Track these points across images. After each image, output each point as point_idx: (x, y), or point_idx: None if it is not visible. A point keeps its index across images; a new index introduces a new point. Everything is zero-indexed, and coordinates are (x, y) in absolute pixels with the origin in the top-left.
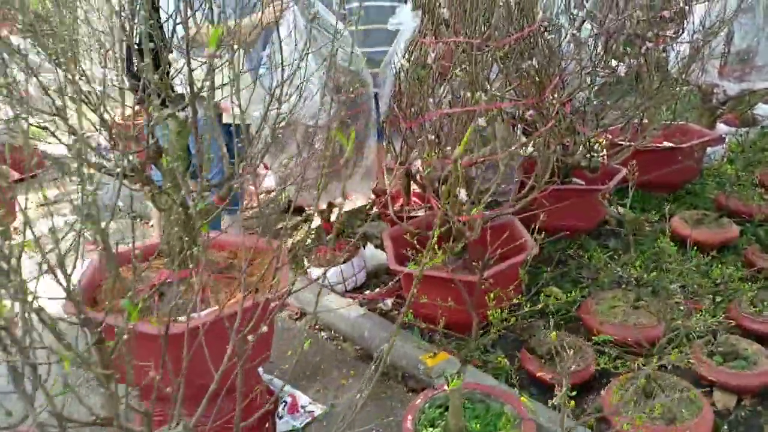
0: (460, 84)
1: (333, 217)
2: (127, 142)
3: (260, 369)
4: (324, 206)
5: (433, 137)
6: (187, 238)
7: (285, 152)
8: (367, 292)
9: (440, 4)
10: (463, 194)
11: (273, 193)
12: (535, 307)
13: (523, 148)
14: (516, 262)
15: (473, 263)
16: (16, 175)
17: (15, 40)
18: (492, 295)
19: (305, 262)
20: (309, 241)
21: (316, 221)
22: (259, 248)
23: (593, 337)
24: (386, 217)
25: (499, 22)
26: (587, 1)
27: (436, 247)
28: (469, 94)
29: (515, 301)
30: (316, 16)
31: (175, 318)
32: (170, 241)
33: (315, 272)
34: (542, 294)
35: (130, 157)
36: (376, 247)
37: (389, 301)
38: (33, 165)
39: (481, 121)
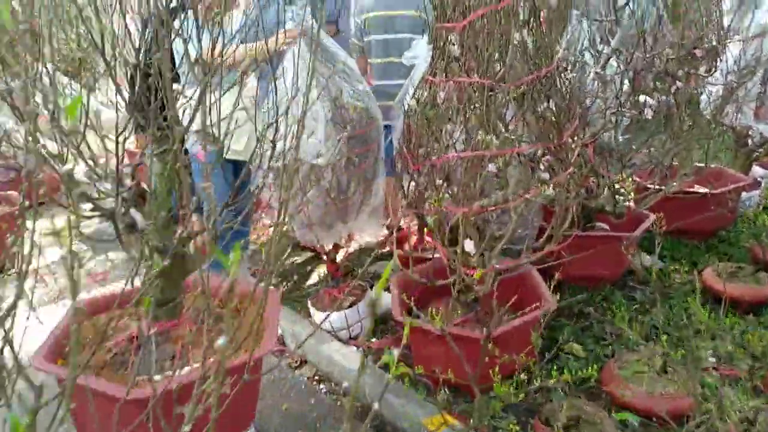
0: (472, 126)
1: (339, 258)
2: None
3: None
4: (330, 246)
5: (440, 182)
6: (167, 287)
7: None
8: (373, 340)
9: (451, 40)
10: (470, 245)
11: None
12: (551, 367)
13: (543, 191)
14: (529, 320)
15: (486, 315)
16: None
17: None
18: (501, 356)
19: (309, 304)
20: (317, 281)
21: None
22: (249, 294)
23: (615, 411)
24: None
25: (514, 61)
26: (613, 38)
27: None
28: (479, 137)
29: (529, 363)
30: (322, 48)
31: (151, 377)
32: (148, 290)
33: (318, 316)
34: (561, 351)
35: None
36: (386, 289)
37: (396, 352)
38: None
39: (492, 168)
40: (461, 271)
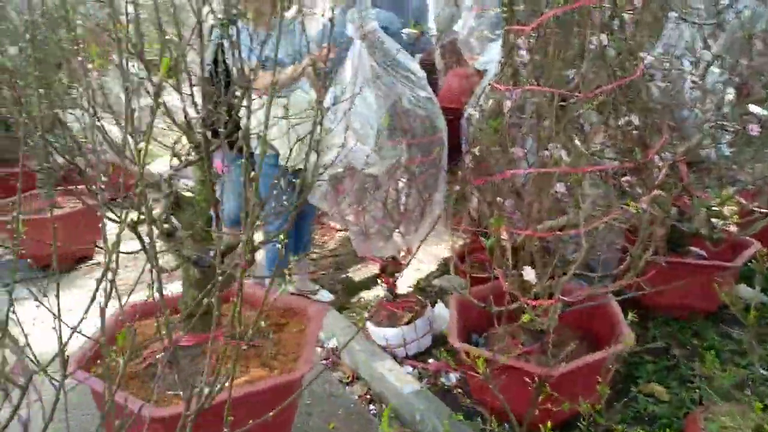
0: (541, 139)
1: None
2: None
3: None
4: (390, 258)
5: (500, 199)
6: (203, 299)
7: (344, 201)
8: (431, 361)
9: (520, 44)
10: (530, 274)
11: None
12: (626, 412)
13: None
14: (596, 361)
15: (554, 348)
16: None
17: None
18: (560, 399)
19: (366, 317)
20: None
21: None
22: (293, 310)
23: None
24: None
25: (591, 70)
26: (715, 42)
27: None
28: (547, 152)
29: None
30: (384, 53)
31: (181, 392)
32: (187, 302)
33: (374, 331)
34: (639, 392)
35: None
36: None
37: (453, 376)
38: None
39: (560, 188)
40: (521, 300)
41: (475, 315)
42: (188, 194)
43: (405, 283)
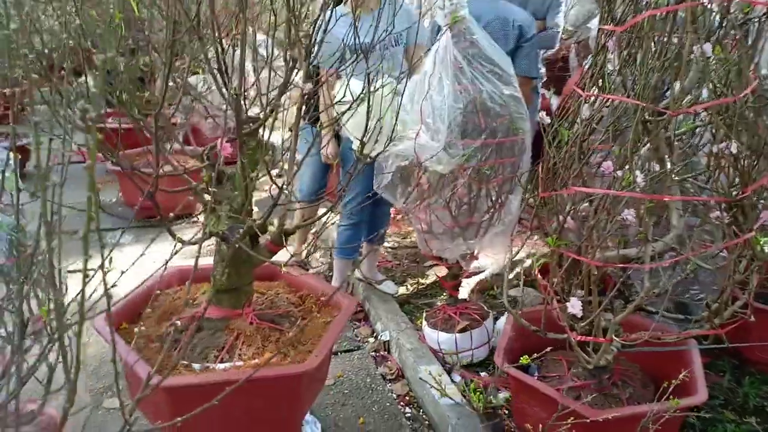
0: (616, 157)
1: (469, 284)
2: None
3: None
4: (453, 261)
5: (563, 218)
6: (233, 274)
7: (411, 195)
8: (483, 374)
9: (609, 47)
10: (576, 306)
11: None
12: None
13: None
14: (656, 410)
15: (613, 384)
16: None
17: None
18: None
19: (423, 317)
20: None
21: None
22: (327, 298)
23: None
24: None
25: (692, 84)
26: None
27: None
28: (619, 173)
29: None
30: (472, 45)
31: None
32: (215, 276)
33: (428, 333)
34: None
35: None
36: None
37: (502, 396)
38: None
39: (629, 215)
40: (568, 333)
41: (535, 335)
42: (230, 169)
43: (476, 288)
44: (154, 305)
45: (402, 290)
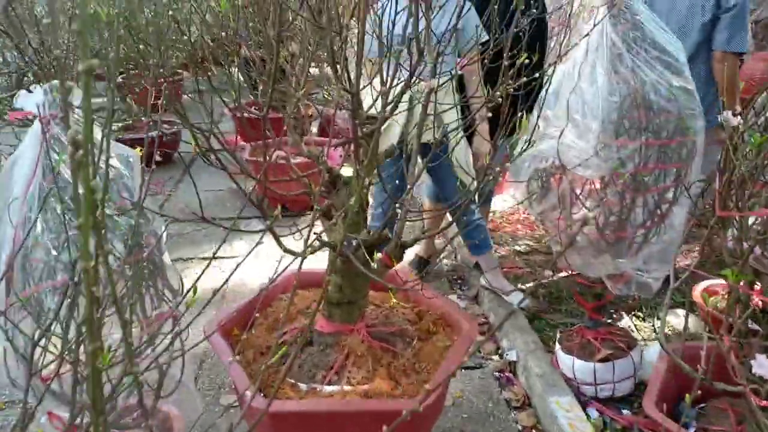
0: None
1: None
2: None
3: None
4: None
5: (751, 247)
6: (347, 287)
7: (546, 201)
8: (626, 412)
9: None
10: (762, 366)
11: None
12: None
13: None
14: None
15: None
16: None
17: None
18: None
19: (557, 339)
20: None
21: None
22: (448, 319)
23: None
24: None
25: None
26: None
27: None
28: None
29: None
30: (635, 26)
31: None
32: (328, 289)
33: (562, 359)
34: None
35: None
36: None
37: None
38: None
39: None
40: (748, 396)
41: (684, 385)
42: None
43: (622, 309)
44: (267, 312)
45: (533, 303)
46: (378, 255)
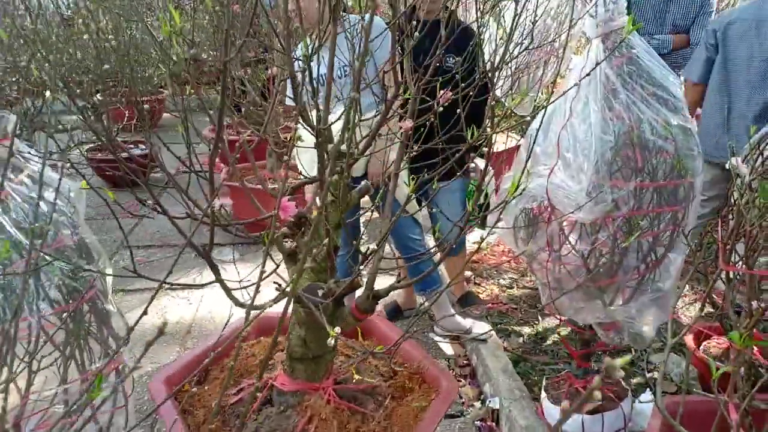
0: None
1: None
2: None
3: None
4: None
5: (760, 306)
6: (312, 341)
7: (534, 242)
8: None
9: None
10: None
11: None
12: None
13: None
14: None
15: None
16: None
17: None
18: None
19: (543, 387)
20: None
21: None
22: (425, 376)
23: None
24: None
25: None
26: None
27: None
28: None
29: None
30: (632, 62)
31: None
32: (291, 341)
33: (547, 408)
34: None
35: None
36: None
37: None
38: None
39: None
40: None
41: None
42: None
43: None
44: (224, 363)
45: (518, 341)
46: (347, 306)
